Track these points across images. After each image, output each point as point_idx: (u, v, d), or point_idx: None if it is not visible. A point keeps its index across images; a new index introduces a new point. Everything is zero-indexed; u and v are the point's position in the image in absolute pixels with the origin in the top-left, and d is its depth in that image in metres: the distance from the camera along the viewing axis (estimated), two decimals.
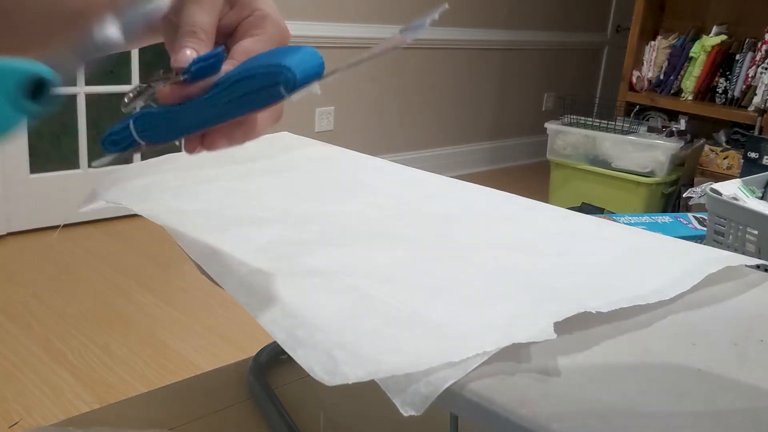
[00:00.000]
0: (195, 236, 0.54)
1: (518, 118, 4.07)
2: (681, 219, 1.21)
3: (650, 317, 0.47)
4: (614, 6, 4.39)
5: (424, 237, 0.58)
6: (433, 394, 0.36)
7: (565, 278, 0.51)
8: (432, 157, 3.63)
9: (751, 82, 3.01)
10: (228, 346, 1.79)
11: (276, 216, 0.60)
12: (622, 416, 0.36)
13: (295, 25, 2.86)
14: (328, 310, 0.44)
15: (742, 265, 0.56)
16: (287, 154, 0.77)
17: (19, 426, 1.43)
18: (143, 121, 0.41)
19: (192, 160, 0.70)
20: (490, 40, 3.70)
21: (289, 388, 0.72)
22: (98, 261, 2.26)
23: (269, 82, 0.39)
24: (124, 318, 1.90)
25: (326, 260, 0.52)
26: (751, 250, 0.88)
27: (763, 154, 1.53)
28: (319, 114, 3.09)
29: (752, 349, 0.44)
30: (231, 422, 0.67)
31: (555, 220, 0.65)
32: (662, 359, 0.42)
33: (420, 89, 3.49)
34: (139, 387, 1.60)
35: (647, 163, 2.84)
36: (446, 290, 0.48)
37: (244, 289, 0.46)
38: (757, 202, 0.99)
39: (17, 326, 1.82)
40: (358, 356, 0.39)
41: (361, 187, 0.71)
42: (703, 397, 0.38)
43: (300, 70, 0.39)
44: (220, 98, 0.40)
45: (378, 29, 3.17)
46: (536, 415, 0.36)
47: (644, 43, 3.32)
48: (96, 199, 0.61)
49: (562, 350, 0.42)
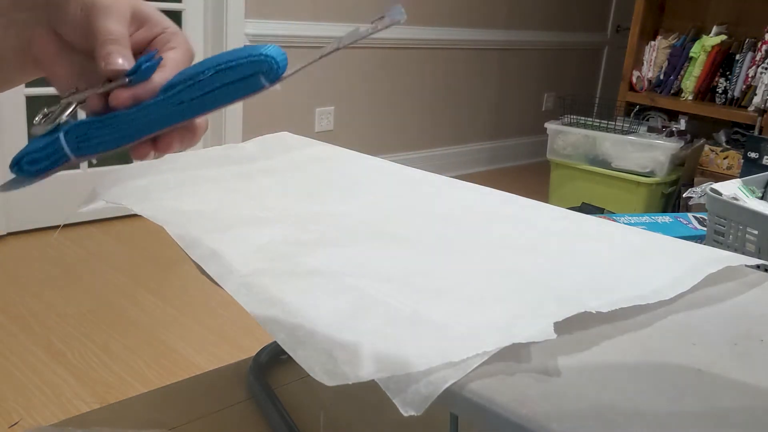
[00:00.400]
0: (195, 236, 0.54)
1: (518, 118, 4.07)
2: (681, 219, 1.21)
3: (650, 317, 0.47)
4: (614, 6, 4.39)
5: (424, 237, 0.58)
6: (433, 394, 0.36)
7: (565, 278, 0.51)
8: (432, 157, 3.63)
9: (751, 82, 3.01)
10: (228, 346, 1.79)
11: (276, 216, 0.60)
12: (622, 416, 0.36)
13: (296, 26, 2.87)
14: (328, 310, 0.44)
15: (742, 265, 0.56)
16: (287, 154, 0.77)
17: (19, 426, 1.43)
18: (78, 132, 0.40)
19: (192, 161, 0.70)
20: (490, 40, 3.70)
21: (289, 388, 0.72)
22: (98, 261, 2.26)
23: (250, 71, 0.38)
24: (124, 318, 1.90)
25: (326, 260, 0.52)
26: (751, 250, 0.88)
27: (763, 154, 1.53)
28: (319, 114, 3.09)
29: (752, 349, 0.44)
30: (231, 422, 0.67)
31: (555, 220, 0.65)
32: (662, 359, 0.42)
33: (420, 89, 3.48)
34: (139, 387, 1.60)
35: (647, 163, 2.84)
36: (446, 290, 0.48)
37: (244, 289, 0.46)
38: (757, 202, 0.99)
39: (17, 326, 1.82)
40: (358, 356, 0.39)
41: (361, 187, 0.71)
42: (703, 397, 0.38)
43: (281, 59, 0.39)
44: (183, 96, 0.39)
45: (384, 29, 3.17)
46: (536, 415, 0.36)
47: (644, 43, 3.32)
48: (96, 199, 0.61)
49: (562, 350, 0.42)
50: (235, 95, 0.39)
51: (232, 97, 0.39)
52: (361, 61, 3.18)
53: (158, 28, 0.44)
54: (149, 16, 0.44)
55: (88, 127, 0.40)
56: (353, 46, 0.37)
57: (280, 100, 2.91)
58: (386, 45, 3.25)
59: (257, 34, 2.76)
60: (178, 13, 2.65)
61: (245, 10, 2.71)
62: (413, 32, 3.33)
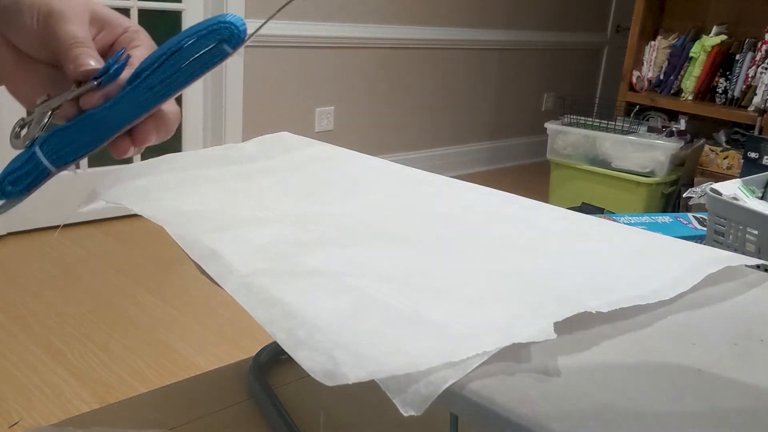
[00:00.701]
0: (195, 236, 0.54)
1: (518, 118, 4.07)
2: (681, 219, 1.21)
3: (650, 317, 0.47)
4: (614, 6, 4.39)
5: (424, 237, 0.58)
6: (433, 394, 0.36)
7: (565, 278, 0.51)
8: (432, 157, 3.63)
9: (751, 82, 3.01)
10: (228, 346, 1.79)
11: (276, 216, 0.60)
12: (622, 416, 0.36)
13: (296, 26, 2.87)
14: (328, 310, 0.44)
15: (742, 265, 0.56)
16: (287, 154, 0.77)
17: (19, 426, 1.43)
18: (53, 142, 0.40)
19: (192, 161, 0.70)
20: (490, 40, 3.70)
21: (289, 388, 0.72)
22: (98, 261, 2.26)
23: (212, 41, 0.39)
24: (124, 318, 1.90)
25: (326, 260, 0.51)
26: (751, 250, 0.88)
27: (763, 154, 1.53)
28: (319, 114, 3.09)
29: (752, 349, 0.44)
30: (231, 422, 0.67)
31: (555, 220, 0.65)
32: (662, 359, 0.42)
33: (420, 89, 3.49)
34: (139, 387, 1.60)
35: (647, 163, 2.84)
36: (446, 290, 0.48)
37: (244, 289, 0.46)
38: (757, 202, 0.99)
39: (17, 326, 1.82)
40: (358, 356, 0.39)
41: (361, 187, 0.71)
42: (703, 397, 0.38)
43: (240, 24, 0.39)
44: (152, 80, 0.39)
45: (375, 29, 3.17)
46: (536, 415, 0.36)
47: (644, 43, 3.32)
48: (96, 199, 0.61)
49: (562, 350, 0.42)
50: (203, 68, 0.39)
51: (200, 70, 0.39)
52: (361, 61, 3.18)
53: (119, 29, 0.43)
54: (107, 17, 0.43)
55: (62, 135, 0.40)
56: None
57: (280, 100, 2.91)
58: (386, 45, 3.25)
59: (257, 34, 2.75)
60: (178, 13, 2.65)
61: (245, 10, 2.71)
62: (413, 32, 3.33)
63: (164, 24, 2.66)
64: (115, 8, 0.46)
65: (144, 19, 2.54)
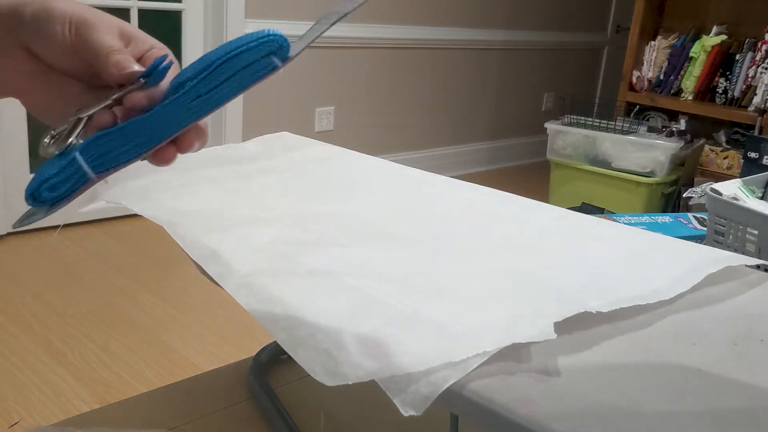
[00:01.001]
0: (195, 236, 0.54)
1: (518, 118, 4.07)
2: (681, 219, 1.21)
3: (650, 317, 0.47)
4: (614, 6, 4.39)
5: (424, 237, 0.58)
6: (433, 394, 0.36)
7: (565, 278, 0.51)
8: (432, 157, 3.63)
9: (751, 82, 3.01)
10: (228, 346, 1.79)
11: (276, 216, 0.60)
12: (622, 416, 0.36)
13: (297, 26, 2.87)
14: (328, 310, 0.44)
15: (742, 265, 0.56)
16: (287, 154, 0.77)
17: (19, 426, 1.43)
18: (94, 148, 0.39)
19: (192, 161, 0.70)
20: (490, 40, 3.70)
21: (289, 388, 0.72)
22: (98, 261, 2.26)
23: (262, 53, 0.38)
24: (124, 318, 1.90)
25: (326, 260, 0.52)
26: (751, 250, 0.88)
27: (763, 154, 1.53)
28: (319, 114, 3.09)
29: (752, 349, 0.44)
30: (231, 422, 0.67)
31: (555, 220, 0.65)
32: (662, 359, 0.42)
33: (420, 89, 3.49)
34: (139, 387, 1.60)
35: (647, 163, 2.84)
36: (446, 290, 0.48)
37: (244, 289, 0.46)
38: (757, 202, 0.99)
39: (17, 326, 1.82)
40: (358, 356, 0.39)
41: (361, 187, 0.71)
42: (703, 397, 0.38)
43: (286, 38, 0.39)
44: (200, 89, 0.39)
45: (375, 29, 3.17)
46: (536, 415, 0.36)
47: (644, 43, 3.32)
48: (96, 199, 0.61)
49: (562, 350, 0.42)
50: (251, 80, 0.39)
51: (247, 82, 0.39)
52: (361, 61, 3.18)
53: (146, 45, 0.44)
54: (134, 34, 0.44)
55: (103, 141, 0.39)
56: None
57: (280, 100, 2.91)
58: (386, 45, 3.25)
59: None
60: (178, 13, 2.65)
61: (245, 10, 2.71)
62: (413, 32, 3.33)
63: (164, 24, 2.66)
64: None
65: (144, 19, 2.53)
